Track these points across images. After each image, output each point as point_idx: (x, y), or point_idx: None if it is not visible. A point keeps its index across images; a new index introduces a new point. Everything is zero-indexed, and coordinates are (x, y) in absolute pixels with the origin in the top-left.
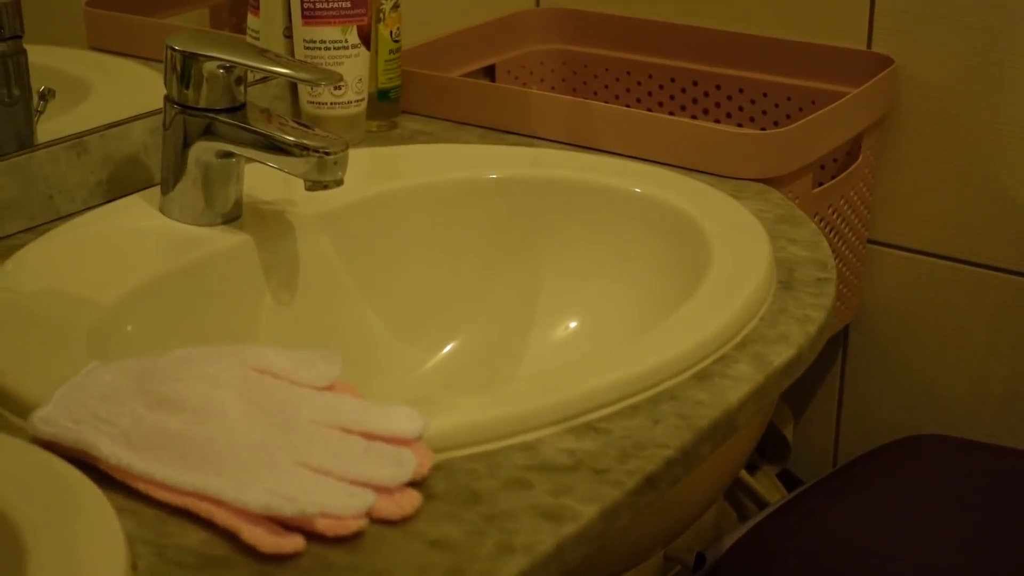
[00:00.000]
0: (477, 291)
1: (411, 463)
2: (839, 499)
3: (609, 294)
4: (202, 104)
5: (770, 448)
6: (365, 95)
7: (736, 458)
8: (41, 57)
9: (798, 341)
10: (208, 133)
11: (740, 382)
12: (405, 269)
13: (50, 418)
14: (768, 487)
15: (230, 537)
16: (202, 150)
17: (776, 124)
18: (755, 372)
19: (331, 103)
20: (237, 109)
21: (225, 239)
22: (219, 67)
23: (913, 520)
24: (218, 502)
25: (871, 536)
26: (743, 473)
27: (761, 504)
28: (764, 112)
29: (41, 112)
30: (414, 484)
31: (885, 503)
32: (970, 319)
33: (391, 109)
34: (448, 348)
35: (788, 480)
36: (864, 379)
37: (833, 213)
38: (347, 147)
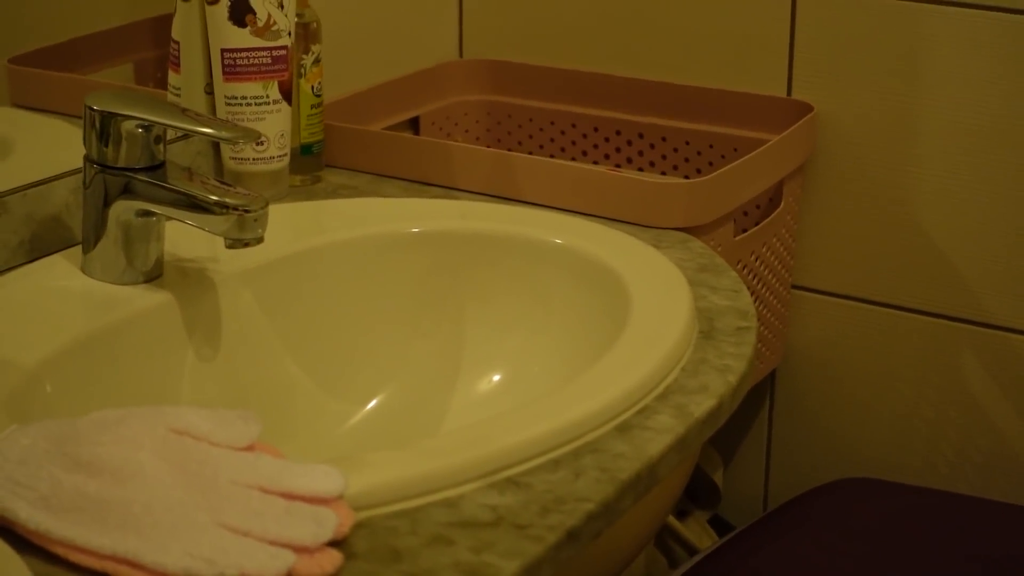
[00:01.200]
0: (402, 344)
1: (331, 522)
2: (769, 544)
3: (532, 345)
4: (121, 163)
5: (700, 493)
6: (288, 150)
7: (660, 508)
8: None
9: (719, 391)
10: (127, 192)
11: (661, 433)
12: (329, 324)
13: None
14: (699, 533)
15: None
16: (122, 209)
17: (699, 172)
18: (676, 423)
19: (253, 159)
20: (157, 168)
21: (147, 298)
22: (138, 126)
23: (842, 564)
24: (137, 565)
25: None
26: (672, 519)
27: (692, 551)
28: (687, 160)
29: None
30: (335, 543)
31: (814, 547)
32: (895, 361)
33: (314, 163)
34: (373, 402)
35: (719, 525)
36: (792, 423)
37: (756, 260)
38: (267, 204)
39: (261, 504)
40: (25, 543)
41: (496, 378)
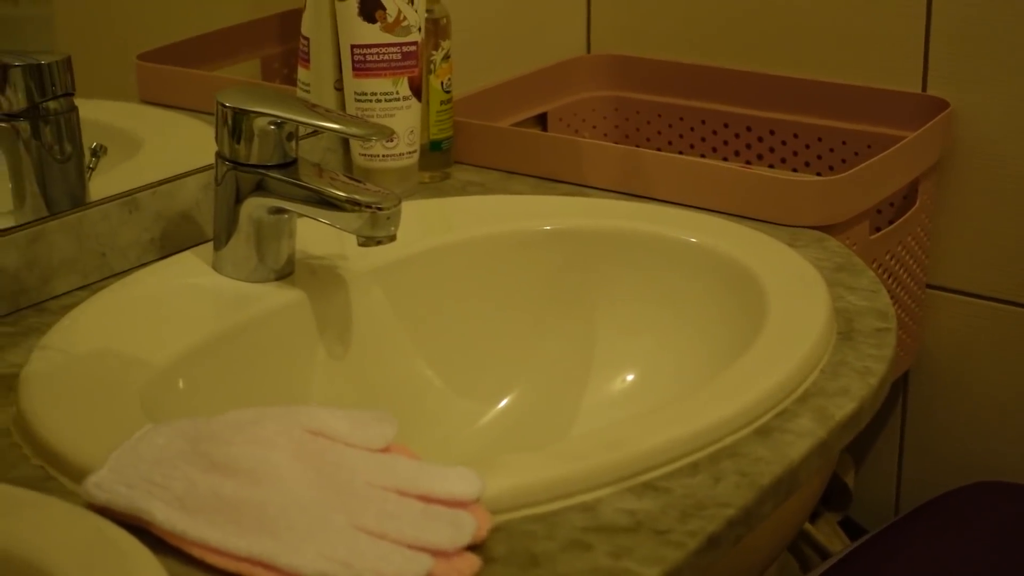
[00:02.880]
0: (532, 344)
1: (470, 526)
2: (903, 549)
3: (665, 346)
4: (253, 160)
5: (831, 495)
6: (417, 147)
7: (799, 513)
8: (92, 112)
9: (860, 394)
10: (260, 189)
11: (802, 437)
12: (459, 322)
13: (104, 483)
14: (830, 536)
15: None
16: (254, 206)
17: (831, 169)
18: (817, 427)
19: (383, 155)
20: (289, 165)
21: (278, 296)
22: (270, 123)
23: (978, 570)
24: (272, 567)
25: None
26: (804, 523)
27: (823, 554)
28: (819, 157)
29: (93, 169)
30: (473, 548)
31: (950, 553)
32: None
33: (443, 160)
34: (503, 402)
35: (850, 528)
36: (925, 424)
37: (891, 259)
38: (400, 202)
39: (398, 507)
40: (161, 543)
41: (628, 379)
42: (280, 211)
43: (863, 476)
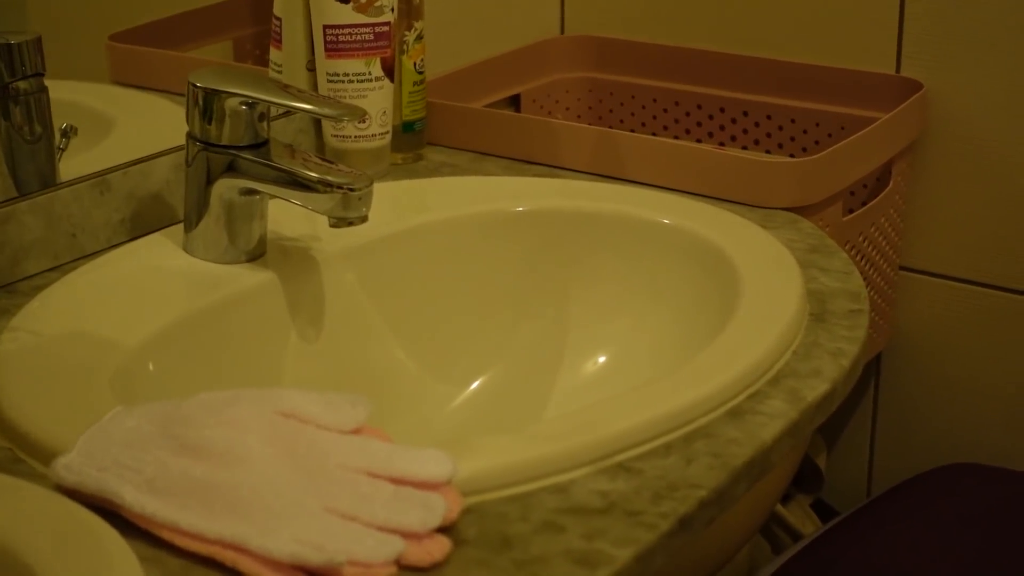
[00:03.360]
0: (505, 325)
1: (440, 508)
2: (875, 531)
3: (639, 328)
4: (225, 141)
5: (803, 478)
6: (390, 128)
7: (771, 495)
8: (63, 92)
9: (832, 375)
10: (231, 170)
11: (774, 418)
12: (432, 304)
13: (73, 465)
14: (801, 518)
15: None
16: (225, 187)
17: (804, 150)
18: (789, 408)
19: (355, 136)
20: (260, 145)
21: (249, 277)
22: (242, 103)
23: (950, 552)
24: (244, 550)
25: (909, 570)
26: (777, 505)
27: (795, 536)
28: (792, 138)
29: (63, 149)
30: (444, 530)
31: (922, 535)
32: (1004, 344)
33: (416, 141)
34: (476, 384)
35: (822, 510)
36: (898, 407)
37: (864, 240)
38: (372, 183)
39: (369, 489)
40: (130, 526)
41: (602, 360)
42: (251, 192)
43: (835, 458)
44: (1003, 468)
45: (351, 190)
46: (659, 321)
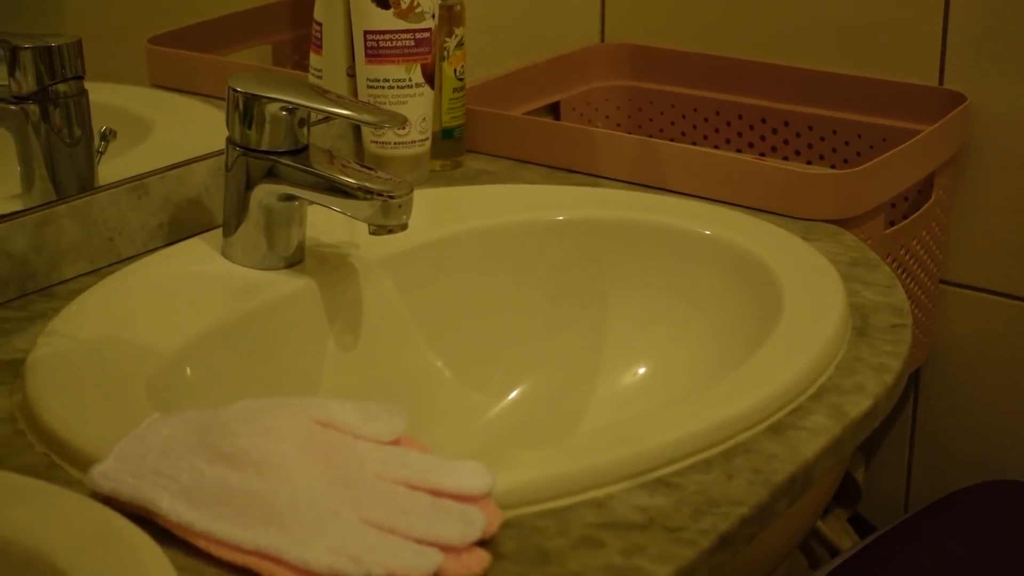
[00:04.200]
0: (543, 335)
1: (480, 521)
2: (915, 548)
3: (678, 340)
4: (264, 146)
5: (841, 492)
6: (429, 134)
7: (812, 511)
8: (103, 95)
9: (875, 391)
10: (270, 176)
11: (816, 434)
12: (469, 313)
13: (109, 472)
14: (839, 532)
15: None
16: (264, 193)
17: (846, 162)
18: (832, 424)
19: (395, 143)
20: (300, 151)
21: (288, 284)
22: (282, 109)
23: (989, 571)
24: (280, 561)
25: None
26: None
27: (833, 551)
28: (833, 150)
29: (102, 153)
30: (482, 543)
31: (962, 553)
32: None
33: (455, 148)
34: (513, 394)
35: (859, 525)
36: (937, 421)
37: (905, 254)
38: (412, 190)
39: (408, 501)
40: (167, 535)
41: (641, 372)
42: (291, 198)
43: (873, 472)
44: None
45: (391, 197)
46: (698, 333)
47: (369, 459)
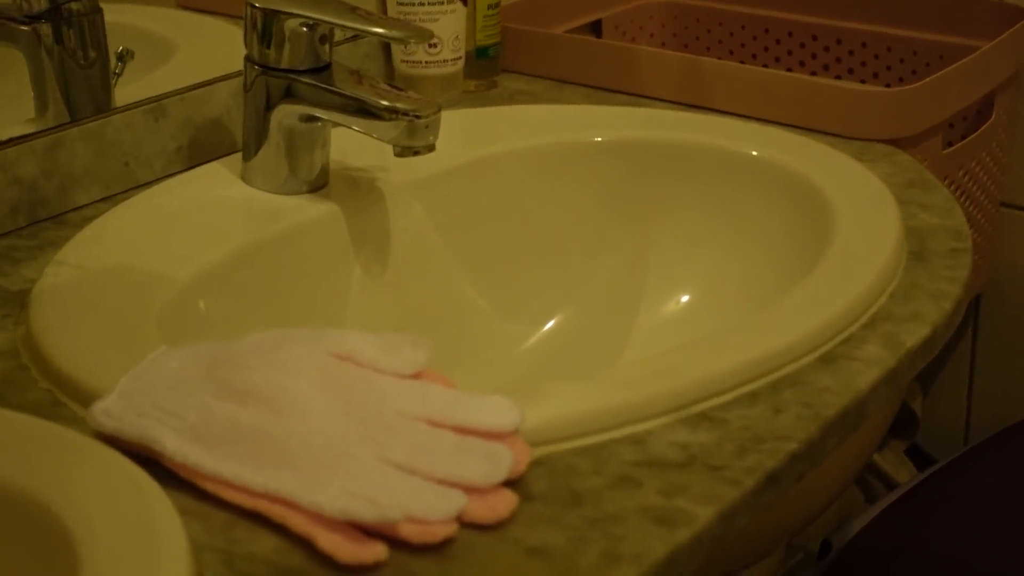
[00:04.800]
0: (581, 263)
1: (507, 460)
2: (975, 481)
3: (724, 266)
4: (284, 65)
5: (898, 422)
6: (462, 53)
7: (866, 447)
8: (128, 16)
9: (932, 319)
10: (290, 95)
11: (870, 365)
12: (504, 240)
13: (112, 410)
14: (896, 465)
15: (305, 544)
16: (285, 114)
17: (901, 80)
18: (886, 354)
19: (426, 62)
20: (322, 70)
21: (311, 209)
22: (302, 24)
23: None
24: (292, 504)
25: (1012, 522)
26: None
27: (889, 484)
28: (888, 67)
29: (119, 75)
30: (509, 483)
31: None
32: None
33: (490, 68)
34: (550, 324)
35: (917, 456)
36: (997, 350)
37: (964, 175)
38: (439, 109)
39: (429, 439)
40: (172, 476)
41: (684, 300)
42: (313, 119)
43: (931, 402)
44: None
45: (417, 117)
46: (746, 260)
47: (389, 394)
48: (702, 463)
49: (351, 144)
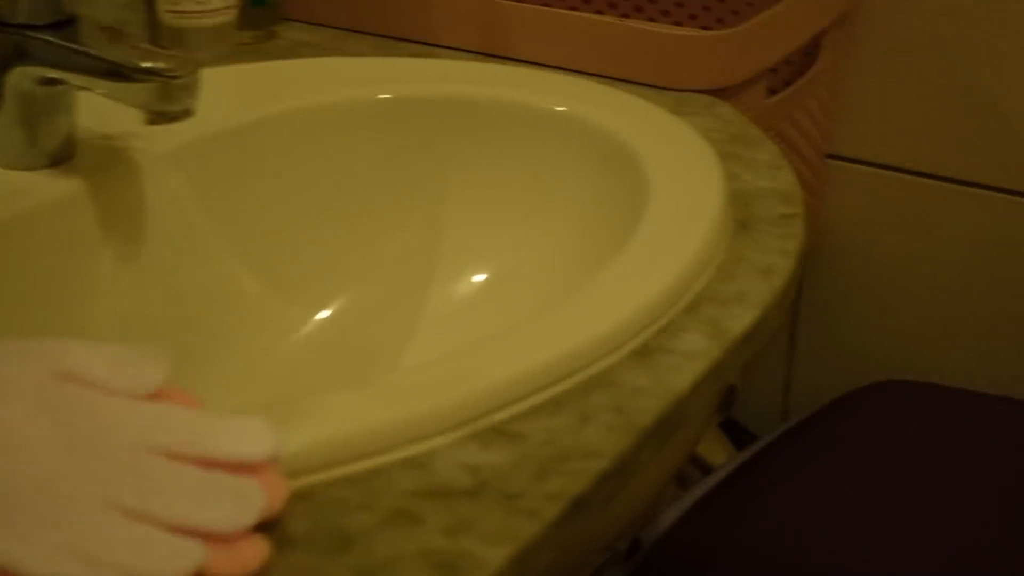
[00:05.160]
0: (367, 237)
1: (258, 498)
2: (801, 461)
3: (525, 240)
4: (19, 19)
5: None
6: (235, 1)
7: (686, 450)
8: None
9: (762, 299)
10: (25, 54)
11: (691, 359)
12: (278, 214)
13: None
14: (711, 442)
15: None
16: (21, 76)
17: (721, 22)
18: (710, 344)
19: (194, 11)
20: (63, 25)
21: (53, 186)
22: None
23: (886, 480)
24: None
25: (844, 505)
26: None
27: (705, 468)
28: (706, 8)
29: None
30: (264, 526)
31: (852, 463)
32: (943, 242)
33: (268, 16)
34: (330, 310)
35: (734, 431)
36: (821, 315)
37: (790, 126)
38: (198, 68)
39: (167, 475)
40: None
41: (481, 281)
42: (54, 82)
43: (749, 372)
44: (941, 385)
45: (173, 78)
46: (550, 232)
47: (121, 422)
48: (495, 490)
49: (107, 110)
